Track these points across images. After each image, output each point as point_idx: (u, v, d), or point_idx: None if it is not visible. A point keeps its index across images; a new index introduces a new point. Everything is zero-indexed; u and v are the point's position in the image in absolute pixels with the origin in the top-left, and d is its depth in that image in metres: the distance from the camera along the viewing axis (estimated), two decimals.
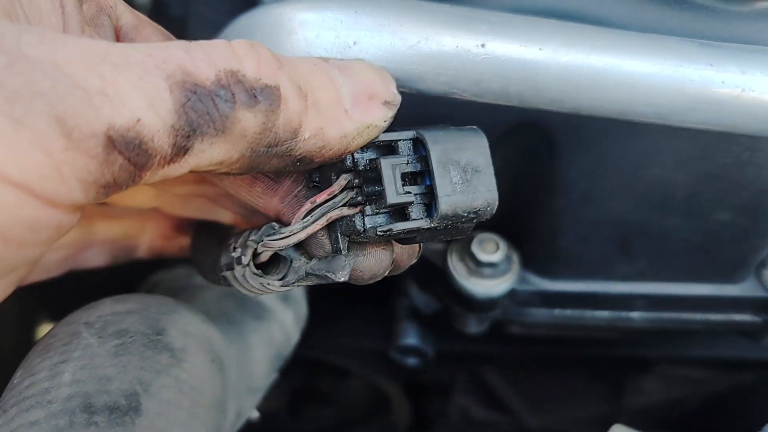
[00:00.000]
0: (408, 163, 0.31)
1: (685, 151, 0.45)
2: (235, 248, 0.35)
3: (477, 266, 0.53)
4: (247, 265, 0.34)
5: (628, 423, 0.96)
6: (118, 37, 0.35)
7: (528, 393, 0.92)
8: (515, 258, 0.54)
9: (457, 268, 0.53)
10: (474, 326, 0.57)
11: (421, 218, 0.31)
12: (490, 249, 0.53)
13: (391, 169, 0.31)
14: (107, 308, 0.37)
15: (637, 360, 0.81)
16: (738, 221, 0.50)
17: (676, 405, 0.91)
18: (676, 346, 0.72)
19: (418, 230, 0.32)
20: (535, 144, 0.46)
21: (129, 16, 0.35)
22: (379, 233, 0.32)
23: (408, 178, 0.32)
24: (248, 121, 0.29)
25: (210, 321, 0.43)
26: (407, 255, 0.38)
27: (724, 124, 0.38)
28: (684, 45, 0.37)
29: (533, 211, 0.51)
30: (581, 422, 0.95)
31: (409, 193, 0.31)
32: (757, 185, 0.48)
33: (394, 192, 0.31)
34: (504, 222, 0.54)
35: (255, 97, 0.29)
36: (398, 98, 0.33)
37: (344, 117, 0.31)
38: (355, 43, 0.35)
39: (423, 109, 0.40)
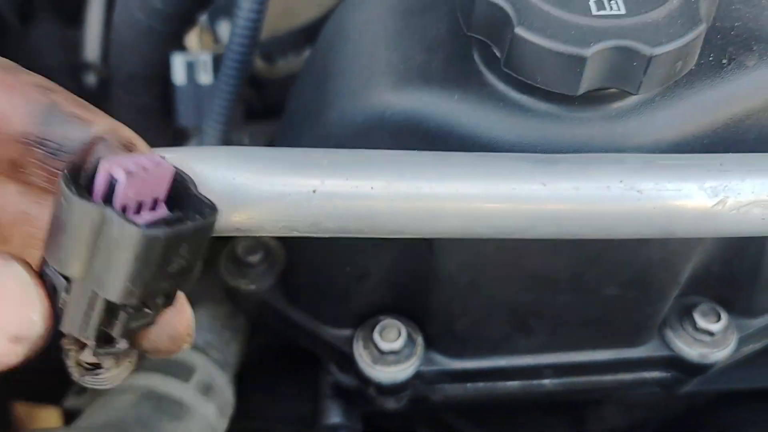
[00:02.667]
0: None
1: (556, 241, 0.46)
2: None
3: (381, 354, 0.54)
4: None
5: None
6: None
7: (490, 427, 0.93)
8: (419, 341, 0.55)
9: (362, 355, 0.55)
10: (392, 404, 0.59)
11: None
12: (392, 336, 0.54)
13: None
14: None
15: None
16: (627, 294, 0.52)
17: (639, 428, 0.92)
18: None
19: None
20: (415, 243, 0.48)
21: None
22: None
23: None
24: None
25: None
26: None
27: (570, 234, 0.39)
28: (517, 165, 0.38)
29: (427, 297, 0.53)
30: None
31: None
32: (637, 263, 0.49)
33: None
34: (406, 305, 0.56)
35: None
36: (36, 329, 0.28)
37: None
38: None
39: None
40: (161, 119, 0.83)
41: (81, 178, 0.29)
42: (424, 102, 0.44)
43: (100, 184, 0.28)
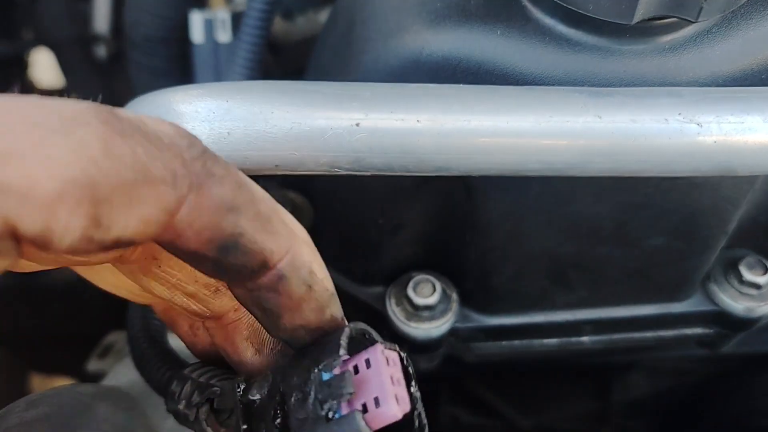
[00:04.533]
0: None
1: (603, 185, 0.44)
2: (179, 397, 0.33)
3: (415, 310, 0.52)
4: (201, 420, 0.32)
5: (618, 417, 0.96)
6: (23, 247, 0.26)
7: (515, 396, 0.92)
8: (454, 297, 0.53)
9: (396, 312, 0.53)
10: (424, 363, 0.57)
11: None
12: (426, 292, 0.52)
13: None
14: (14, 418, 0.37)
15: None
16: (672, 244, 0.49)
17: (664, 395, 0.91)
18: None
19: None
20: (453, 189, 0.46)
21: (31, 222, 0.25)
22: None
23: None
24: None
25: (136, 404, 0.43)
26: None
27: (626, 170, 0.37)
28: (570, 97, 0.36)
29: (463, 250, 0.51)
30: (573, 419, 0.95)
31: None
32: (685, 209, 0.47)
33: None
34: (440, 260, 0.54)
35: None
36: None
37: None
38: (229, 133, 0.34)
39: None
40: (178, 81, 0.82)
41: None
42: (464, 39, 0.42)
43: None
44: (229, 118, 0.34)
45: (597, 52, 0.40)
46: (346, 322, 0.31)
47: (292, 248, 0.30)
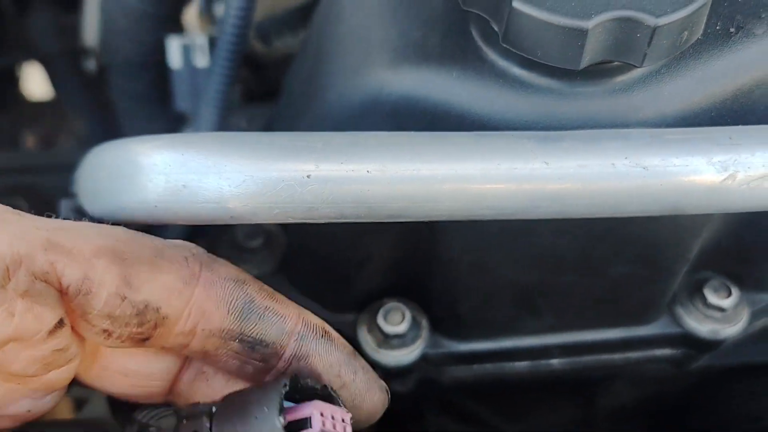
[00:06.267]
0: None
1: (562, 220, 0.45)
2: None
3: (385, 338, 0.53)
4: None
5: (604, 421, 0.96)
6: (67, 297, 0.31)
7: (500, 405, 0.92)
8: (424, 323, 0.54)
9: (367, 340, 0.54)
10: (398, 387, 0.58)
11: None
12: (396, 320, 0.53)
13: None
14: None
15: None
16: (636, 272, 0.50)
17: (649, 401, 0.91)
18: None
19: None
20: (416, 225, 0.46)
21: (74, 272, 0.31)
22: None
23: None
24: None
25: None
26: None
27: (575, 213, 0.38)
28: (518, 143, 0.37)
29: (430, 281, 0.52)
30: (558, 425, 0.95)
31: None
32: (646, 239, 0.48)
33: None
34: (409, 288, 0.55)
35: None
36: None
37: None
38: (184, 186, 0.35)
39: None
40: (159, 104, 0.82)
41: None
42: (421, 80, 0.43)
43: (295, 416, 0.32)
44: (185, 171, 0.35)
45: (550, 94, 0.41)
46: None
47: (302, 313, 0.36)
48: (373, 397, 0.39)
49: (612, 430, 0.93)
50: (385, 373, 0.54)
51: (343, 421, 0.33)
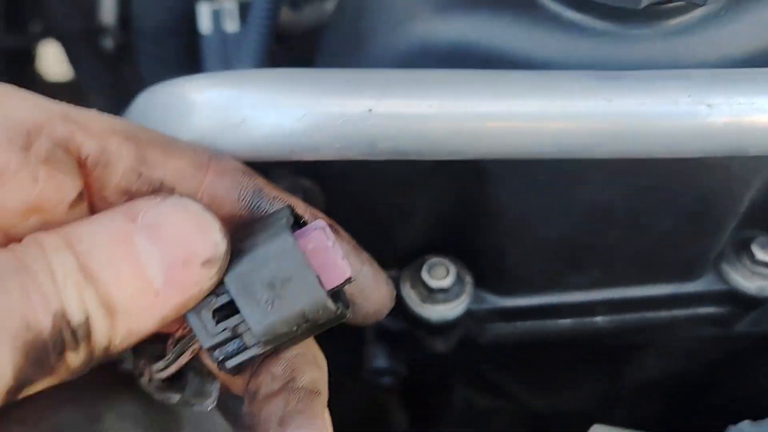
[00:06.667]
0: (217, 296, 0.31)
1: (612, 169, 0.45)
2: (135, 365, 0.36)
3: (429, 292, 0.53)
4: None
5: (630, 397, 0.96)
6: (85, 170, 0.31)
7: (528, 380, 0.92)
8: (468, 279, 0.54)
9: (410, 295, 0.54)
10: (440, 345, 0.58)
11: (251, 346, 0.32)
12: (440, 274, 0.53)
13: (197, 316, 0.31)
14: None
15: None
16: (682, 226, 0.50)
17: (675, 377, 0.91)
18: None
19: (259, 355, 0.32)
20: (465, 174, 0.46)
21: (92, 144, 0.31)
22: (228, 368, 0.32)
23: (224, 311, 0.31)
24: (72, 361, 0.29)
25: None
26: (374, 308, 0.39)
27: (635, 153, 0.38)
28: (579, 81, 0.37)
29: (476, 233, 0.51)
30: (585, 400, 0.95)
31: (226, 329, 0.31)
32: (696, 191, 0.47)
33: (207, 337, 0.31)
34: (453, 244, 0.54)
35: (76, 337, 0.28)
36: (221, 248, 0.30)
37: (155, 304, 0.29)
38: (242, 121, 0.35)
39: None
40: (187, 71, 0.82)
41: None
42: (472, 26, 0.42)
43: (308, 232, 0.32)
44: (242, 107, 0.35)
45: (605, 37, 0.40)
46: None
47: (308, 206, 0.36)
48: (381, 288, 0.39)
49: (637, 406, 0.92)
50: (429, 329, 0.54)
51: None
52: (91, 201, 0.32)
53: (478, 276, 0.54)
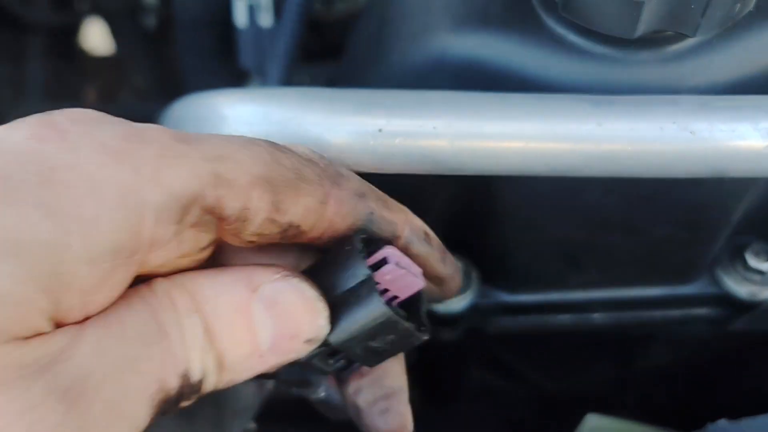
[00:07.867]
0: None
1: (611, 179, 0.48)
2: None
3: None
4: None
5: (641, 383, 0.99)
6: (223, 223, 0.33)
7: (541, 363, 0.95)
8: (474, 275, 0.58)
9: None
10: (446, 335, 0.61)
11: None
12: None
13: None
14: None
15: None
16: (678, 234, 0.53)
17: (686, 363, 0.94)
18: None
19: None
20: (475, 181, 0.50)
21: (235, 204, 0.32)
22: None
23: None
24: (183, 406, 0.33)
25: None
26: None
27: (624, 173, 0.41)
28: (574, 105, 0.40)
29: (483, 235, 0.55)
30: (596, 385, 0.98)
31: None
32: (690, 202, 0.50)
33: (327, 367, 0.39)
34: (462, 243, 0.58)
35: (192, 390, 0.32)
36: (324, 332, 0.34)
37: (258, 363, 0.33)
38: (266, 136, 0.39)
39: None
40: (222, 61, 0.86)
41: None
42: (483, 44, 0.45)
43: (375, 258, 0.36)
44: (267, 122, 0.39)
45: (605, 61, 0.43)
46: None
47: (408, 217, 0.39)
48: (456, 282, 0.45)
49: (648, 392, 0.95)
50: (436, 320, 0.58)
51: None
52: (222, 236, 0.34)
53: (485, 273, 0.58)
